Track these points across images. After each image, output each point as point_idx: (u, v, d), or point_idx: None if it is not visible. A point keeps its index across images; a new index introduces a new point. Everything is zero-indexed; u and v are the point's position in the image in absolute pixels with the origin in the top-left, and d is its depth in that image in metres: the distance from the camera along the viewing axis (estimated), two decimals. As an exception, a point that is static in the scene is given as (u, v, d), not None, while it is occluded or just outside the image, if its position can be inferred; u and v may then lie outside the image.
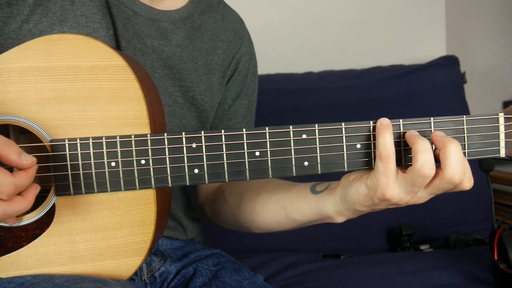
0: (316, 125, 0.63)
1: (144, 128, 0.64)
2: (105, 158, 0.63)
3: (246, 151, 0.63)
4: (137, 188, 0.64)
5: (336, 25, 1.84)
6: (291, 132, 0.63)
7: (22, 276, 0.64)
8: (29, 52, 0.63)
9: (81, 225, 0.65)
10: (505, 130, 0.64)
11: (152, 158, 0.63)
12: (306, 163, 0.64)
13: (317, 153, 0.63)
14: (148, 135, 0.63)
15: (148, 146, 0.63)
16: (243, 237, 0.88)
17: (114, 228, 0.65)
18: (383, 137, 0.61)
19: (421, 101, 1.50)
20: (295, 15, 1.82)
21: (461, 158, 0.59)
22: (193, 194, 0.96)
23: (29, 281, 0.62)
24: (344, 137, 0.63)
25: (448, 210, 1.39)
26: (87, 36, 0.65)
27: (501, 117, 0.64)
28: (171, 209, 0.85)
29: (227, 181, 0.64)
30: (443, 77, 1.54)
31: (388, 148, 0.60)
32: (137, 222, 0.65)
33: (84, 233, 0.65)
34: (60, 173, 0.63)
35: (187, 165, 0.63)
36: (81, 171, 0.63)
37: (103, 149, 0.63)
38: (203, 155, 0.63)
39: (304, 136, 0.63)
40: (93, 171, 0.63)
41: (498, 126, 0.64)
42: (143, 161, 0.63)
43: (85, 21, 0.73)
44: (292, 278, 1.04)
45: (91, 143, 0.62)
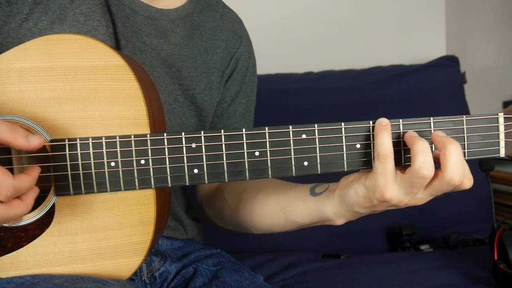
0: (315, 125, 0.63)
1: (143, 128, 0.64)
2: (105, 158, 0.63)
3: (245, 151, 0.63)
4: (137, 188, 0.64)
5: (336, 25, 1.84)
6: (291, 132, 0.63)
7: (21, 276, 0.64)
8: (29, 52, 0.63)
9: (81, 225, 0.65)
10: (505, 130, 0.64)
11: (151, 158, 0.63)
12: (305, 163, 0.64)
13: (316, 153, 0.63)
14: (147, 135, 0.63)
15: (147, 146, 0.63)
16: (243, 237, 0.88)
17: (113, 228, 0.65)
18: (381, 137, 0.61)
19: (421, 101, 1.50)
20: (295, 15, 1.82)
21: (461, 159, 0.59)
22: (192, 194, 0.96)
23: (29, 281, 0.62)
24: (343, 137, 0.63)
25: (448, 210, 1.39)
26: (87, 36, 0.65)
27: (501, 117, 0.64)
28: (172, 207, 0.85)
29: (226, 181, 0.64)
30: (443, 77, 1.54)
31: (386, 148, 0.60)
32: (136, 222, 0.65)
33: (83, 233, 0.65)
34: (59, 173, 0.63)
35: (187, 165, 0.63)
36: (80, 171, 0.63)
37: (102, 149, 0.63)
38: (202, 155, 0.63)
39: (303, 136, 0.63)
40: (92, 171, 0.63)
41: (497, 126, 0.64)
42: (142, 161, 0.63)
43: (84, 19, 0.73)
44: (292, 278, 1.04)
45: (90, 143, 0.62)
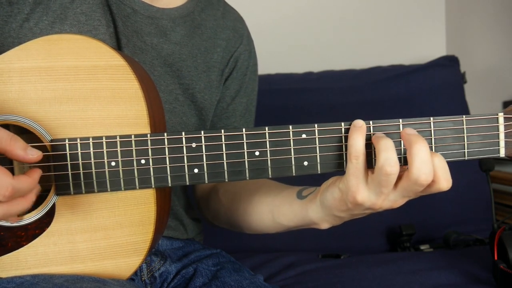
0: (315, 125, 0.63)
1: (144, 128, 0.64)
2: (105, 157, 0.63)
3: (245, 151, 0.63)
4: (137, 187, 0.64)
5: (336, 25, 1.84)
6: (291, 132, 0.63)
7: (22, 276, 0.64)
8: (30, 52, 0.63)
9: (81, 225, 0.65)
10: (505, 130, 0.64)
11: (152, 157, 0.63)
12: (305, 163, 0.64)
13: (316, 153, 0.63)
14: (148, 135, 0.63)
15: (148, 146, 0.63)
16: (243, 237, 0.88)
17: (114, 227, 0.65)
18: (353, 138, 0.61)
19: (421, 101, 1.50)
20: (295, 14, 1.82)
21: (427, 158, 0.58)
22: (192, 195, 0.96)
23: (29, 281, 0.62)
24: (343, 137, 0.63)
25: (448, 210, 1.39)
26: (87, 36, 0.65)
27: (501, 117, 0.64)
28: (172, 207, 0.85)
29: (226, 180, 0.64)
30: (443, 77, 1.54)
31: (357, 149, 0.60)
32: (137, 221, 0.65)
33: (84, 233, 0.65)
34: (60, 173, 0.63)
35: (187, 165, 0.63)
36: (81, 171, 0.63)
37: (103, 149, 0.63)
38: (203, 154, 0.63)
39: (303, 136, 0.63)
40: (93, 170, 0.63)
41: (497, 126, 0.64)
42: (143, 161, 0.63)
43: (85, 19, 0.73)
44: (292, 278, 1.04)
45: (91, 143, 0.63)
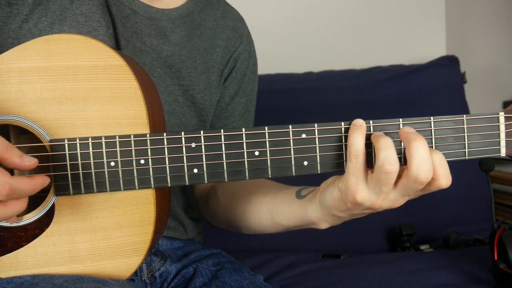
0: (315, 125, 0.63)
1: (143, 128, 0.64)
2: (105, 158, 0.63)
3: (245, 150, 0.63)
4: (137, 188, 0.64)
5: (336, 25, 1.84)
6: (291, 131, 0.63)
7: (21, 276, 0.64)
8: (29, 52, 0.63)
9: (81, 225, 0.65)
10: (506, 129, 0.64)
11: (151, 158, 0.63)
12: (305, 163, 0.63)
13: (316, 153, 0.63)
14: (147, 135, 0.63)
15: (147, 146, 0.63)
16: (243, 237, 0.88)
17: (113, 228, 0.65)
18: (353, 137, 0.60)
19: (421, 101, 1.50)
20: (295, 15, 1.82)
21: (426, 156, 0.57)
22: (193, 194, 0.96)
23: (29, 281, 0.62)
24: (343, 137, 0.63)
25: (448, 210, 1.39)
26: (87, 36, 0.65)
27: (501, 116, 0.64)
28: (172, 207, 0.85)
29: (226, 180, 0.64)
30: (443, 77, 1.54)
31: (357, 148, 0.60)
32: (136, 222, 0.65)
33: (83, 233, 0.65)
34: (59, 173, 0.63)
35: (187, 165, 0.63)
36: (80, 171, 0.63)
37: (102, 149, 0.62)
38: (202, 154, 0.63)
39: (303, 135, 0.63)
40: (92, 171, 0.63)
41: (498, 125, 0.64)
42: (142, 161, 0.63)
43: (84, 20, 0.73)
44: (292, 278, 1.04)
45: (90, 143, 0.62)
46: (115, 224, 0.65)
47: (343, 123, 0.63)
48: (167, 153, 0.63)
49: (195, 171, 0.63)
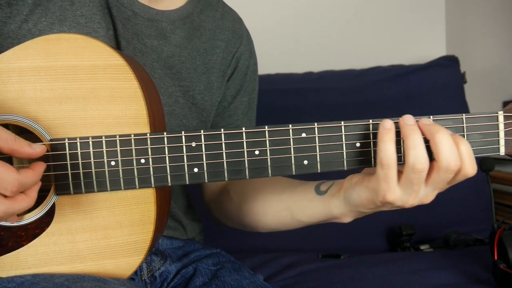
0: (315, 124, 0.63)
1: (143, 127, 0.64)
2: (105, 157, 0.63)
3: (245, 150, 0.63)
4: (137, 187, 0.64)
5: (336, 25, 1.84)
6: (291, 130, 0.63)
7: (22, 275, 0.64)
8: (29, 51, 0.63)
9: (81, 224, 0.65)
10: (505, 128, 0.64)
11: (151, 157, 0.63)
12: (305, 162, 0.64)
13: (316, 152, 0.63)
14: (147, 134, 0.63)
15: (147, 145, 0.63)
16: (243, 237, 0.88)
17: (114, 227, 0.65)
18: (384, 143, 0.58)
19: (421, 101, 1.50)
20: (295, 15, 1.82)
21: (451, 144, 0.58)
22: (193, 194, 0.96)
23: (29, 280, 0.62)
24: (343, 136, 0.63)
25: (448, 210, 1.39)
26: (87, 35, 0.65)
27: (501, 115, 0.64)
28: (171, 209, 0.85)
29: (226, 180, 0.64)
30: (443, 77, 1.54)
31: (389, 155, 0.58)
32: (137, 221, 0.65)
33: (84, 232, 0.65)
34: (60, 172, 0.63)
35: (187, 164, 0.63)
36: (81, 170, 0.63)
37: (102, 148, 0.63)
38: (202, 154, 0.63)
39: (303, 134, 0.63)
40: (92, 170, 0.63)
41: (497, 124, 0.64)
42: (142, 160, 0.63)
43: (84, 21, 0.73)
44: (292, 278, 1.04)
45: (90, 142, 0.63)
46: (115, 223, 0.65)
47: (343, 122, 0.63)
48: (167, 153, 0.63)
49: (196, 170, 0.63)
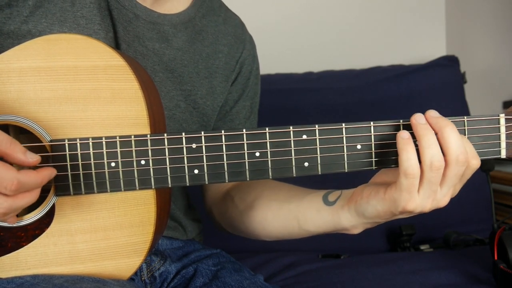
0: (316, 126, 0.63)
1: (144, 128, 0.64)
2: (105, 158, 0.63)
3: (246, 151, 0.63)
4: (137, 188, 0.64)
5: (336, 25, 1.83)
6: (291, 132, 0.63)
7: (21, 276, 0.64)
8: (29, 52, 0.63)
9: (81, 225, 0.65)
10: (506, 131, 0.64)
11: (152, 158, 0.63)
12: (306, 164, 0.63)
13: (317, 154, 0.63)
14: (148, 136, 0.63)
15: (148, 146, 0.63)
16: (243, 238, 0.88)
17: (114, 228, 0.65)
18: (406, 152, 0.59)
19: (421, 101, 1.50)
20: (295, 15, 1.82)
21: (459, 137, 0.59)
22: (193, 194, 0.96)
23: (29, 281, 0.62)
24: (344, 138, 0.63)
25: (448, 210, 1.37)
26: (87, 36, 0.65)
27: (502, 117, 0.64)
28: (170, 210, 0.85)
29: (227, 181, 0.63)
30: (443, 77, 1.54)
31: (413, 163, 0.58)
32: (137, 222, 0.65)
33: (84, 233, 0.65)
34: (59, 173, 0.62)
35: (187, 166, 0.63)
36: (80, 171, 0.63)
37: (103, 149, 0.62)
38: (203, 155, 0.63)
39: (304, 136, 0.63)
40: (92, 171, 0.63)
41: (499, 127, 0.64)
42: (143, 162, 0.63)
43: (85, 23, 0.73)
44: (292, 278, 1.04)
45: (90, 143, 0.62)
46: (115, 224, 0.65)
47: (344, 124, 0.63)
48: (167, 154, 0.63)
49: (196, 171, 0.63)
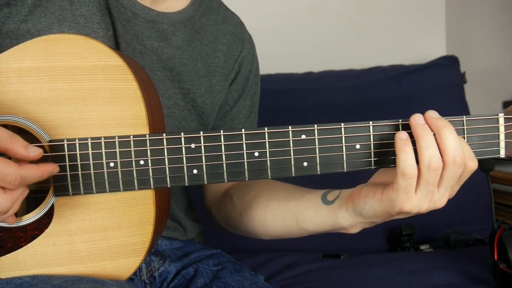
0: (315, 126, 0.63)
1: (143, 128, 0.64)
2: (104, 158, 0.62)
3: (245, 151, 0.63)
4: (136, 188, 0.63)
5: (336, 25, 1.83)
6: (290, 132, 0.63)
7: (21, 277, 0.63)
8: (28, 52, 0.63)
9: (80, 226, 0.65)
10: (505, 130, 0.64)
11: (151, 158, 0.63)
12: (305, 164, 0.63)
13: (316, 154, 0.63)
14: (147, 136, 0.63)
15: (147, 146, 0.63)
16: (243, 238, 0.88)
17: (113, 228, 0.65)
18: (404, 153, 0.59)
19: (421, 101, 1.50)
20: (295, 15, 1.82)
21: (457, 139, 0.59)
22: (194, 194, 0.96)
23: (28, 282, 0.62)
24: (343, 138, 0.63)
25: (448, 210, 1.37)
26: (86, 36, 0.65)
27: (501, 117, 0.64)
28: (171, 209, 0.85)
29: (226, 181, 0.63)
30: (443, 77, 1.54)
31: (410, 164, 0.59)
32: (136, 222, 0.65)
33: (83, 234, 0.65)
34: (58, 174, 0.62)
35: (186, 166, 0.63)
36: (79, 172, 0.63)
37: (101, 150, 0.62)
38: (202, 155, 0.63)
39: (303, 136, 0.63)
40: (91, 171, 0.63)
41: (498, 126, 0.64)
42: (142, 162, 0.63)
43: (84, 22, 0.73)
44: (292, 278, 1.04)
45: (89, 144, 0.62)
46: (114, 224, 0.65)
47: (342, 124, 0.63)
48: (166, 154, 0.63)
49: (195, 172, 0.63)
